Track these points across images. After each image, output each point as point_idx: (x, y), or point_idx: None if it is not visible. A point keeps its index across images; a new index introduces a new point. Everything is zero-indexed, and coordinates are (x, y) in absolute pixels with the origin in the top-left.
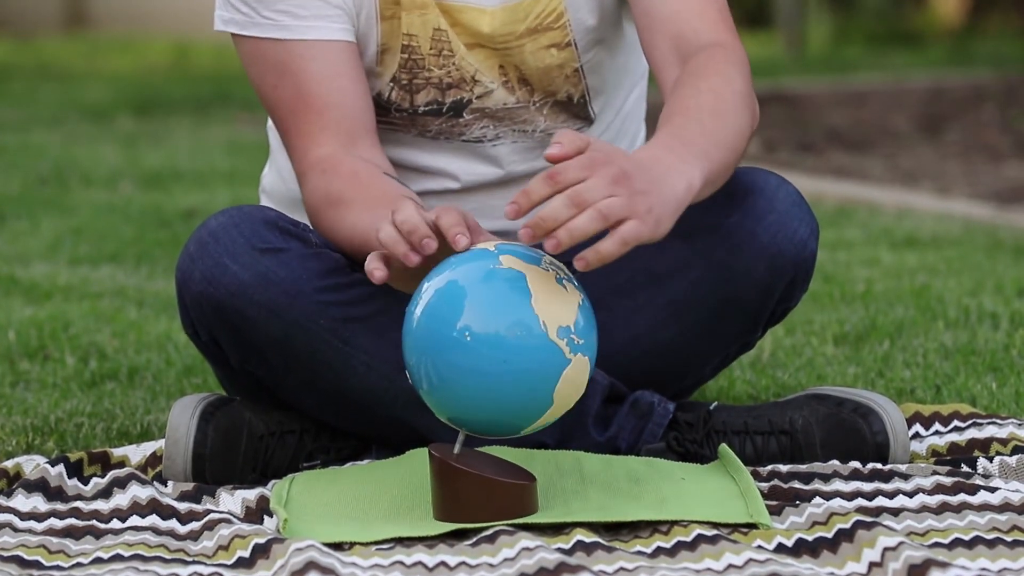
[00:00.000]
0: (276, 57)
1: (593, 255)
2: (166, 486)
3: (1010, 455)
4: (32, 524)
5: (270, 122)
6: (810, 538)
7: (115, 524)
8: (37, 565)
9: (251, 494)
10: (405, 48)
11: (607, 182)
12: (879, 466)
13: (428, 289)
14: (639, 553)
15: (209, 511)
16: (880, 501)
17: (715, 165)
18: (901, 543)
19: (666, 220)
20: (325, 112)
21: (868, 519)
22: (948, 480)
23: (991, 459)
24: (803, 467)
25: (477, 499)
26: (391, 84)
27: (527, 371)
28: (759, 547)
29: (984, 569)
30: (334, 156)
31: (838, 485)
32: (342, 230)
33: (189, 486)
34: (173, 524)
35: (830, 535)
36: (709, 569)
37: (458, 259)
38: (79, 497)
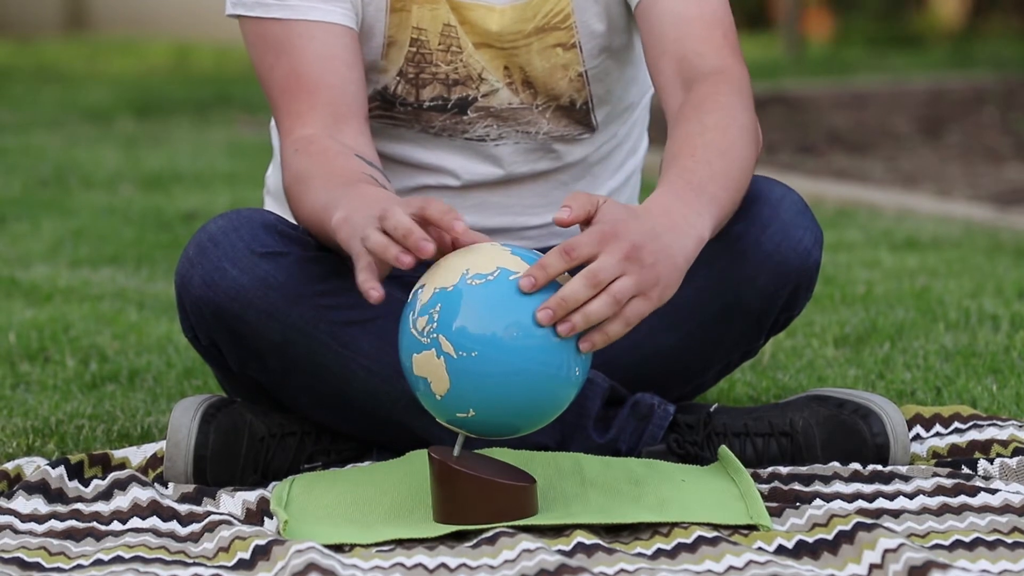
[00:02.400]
0: (276, 36)
1: (601, 337)
2: (167, 488)
3: (1010, 456)
4: (33, 526)
5: (274, 121)
6: (810, 540)
7: (116, 526)
8: (38, 567)
9: (251, 496)
10: (414, 42)
11: (618, 259)
12: (879, 468)
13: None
14: (640, 555)
15: (209, 513)
16: (880, 503)
17: (724, 209)
18: (902, 544)
19: (672, 286)
20: (315, 92)
21: (868, 521)
22: (948, 482)
23: (992, 461)
24: (803, 469)
25: (477, 501)
26: (397, 78)
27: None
28: (759, 549)
29: (985, 571)
30: (312, 136)
31: (838, 487)
32: (303, 208)
33: (190, 488)
34: (173, 526)
35: (830, 537)
36: (710, 571)
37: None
38: (80, 499)
